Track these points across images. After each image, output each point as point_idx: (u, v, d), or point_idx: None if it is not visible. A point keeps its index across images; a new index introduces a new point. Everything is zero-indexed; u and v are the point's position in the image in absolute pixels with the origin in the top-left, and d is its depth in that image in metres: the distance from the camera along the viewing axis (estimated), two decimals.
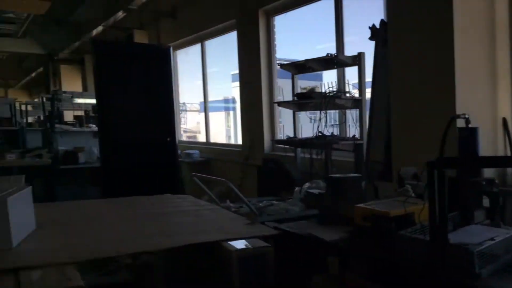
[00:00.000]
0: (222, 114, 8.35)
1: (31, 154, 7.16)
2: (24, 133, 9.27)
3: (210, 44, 7.01)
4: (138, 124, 4.56)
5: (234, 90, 7.65)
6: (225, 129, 8.48)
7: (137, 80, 4.49)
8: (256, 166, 5.49)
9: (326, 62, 4.25)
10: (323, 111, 3.92)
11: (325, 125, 3.92)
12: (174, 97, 4.84)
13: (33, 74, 15.40)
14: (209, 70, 7.09)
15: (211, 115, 7.24)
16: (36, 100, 16.70)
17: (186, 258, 2.09)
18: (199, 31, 6.85)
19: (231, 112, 8.18)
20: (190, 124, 8.88)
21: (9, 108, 9.71)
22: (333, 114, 4.85)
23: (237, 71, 5.87)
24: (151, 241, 1.63)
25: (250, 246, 1.64)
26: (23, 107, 10.83)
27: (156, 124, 4.66)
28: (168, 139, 4.72)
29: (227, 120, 8.49)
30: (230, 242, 1.63)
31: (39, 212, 1.89)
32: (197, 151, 6.88)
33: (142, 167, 4.59)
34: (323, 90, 4.11)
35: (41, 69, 13.93)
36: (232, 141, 7.49)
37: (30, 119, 11.02)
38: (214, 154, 6.82)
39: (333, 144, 3.81)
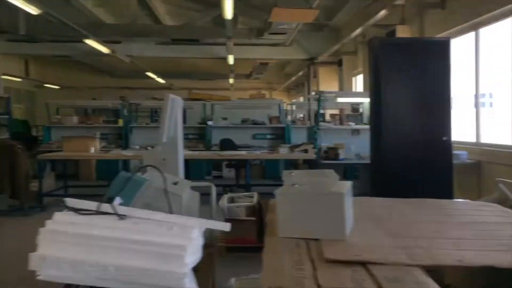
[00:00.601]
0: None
1: (298, 149, 7.98)
2: (289, 130, 10.53)
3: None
4: (411, 121, 4.42)
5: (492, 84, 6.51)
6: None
7: (413, 76, 4.35)
8: None
9: None
10: None
11: None
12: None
13: (294, 78, 17.28)
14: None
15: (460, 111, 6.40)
16: (294, 100, 18.79)
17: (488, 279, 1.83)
18: (474, 18, 6.11)
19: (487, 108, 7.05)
20: None
21: (277, 108, 11.20)
22: None
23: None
24: (491, 254, 1.46)
25: None
26: (288, 107, 12.25)
27: (430, 121, 4.41)
28: (444, 138, 4.38)
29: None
30: None
31: None
32: (465, 152, 6.19)
33: (413, 166, 4.42)
34: None
35: (300, 73, 15.49)
36: (485, 140, 6.41)
37: (291, 117, 12.36)
38: (484, 156, 6.00)
39: None
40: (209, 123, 10.33)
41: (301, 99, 19.12)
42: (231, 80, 17.34)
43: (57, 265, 1.46)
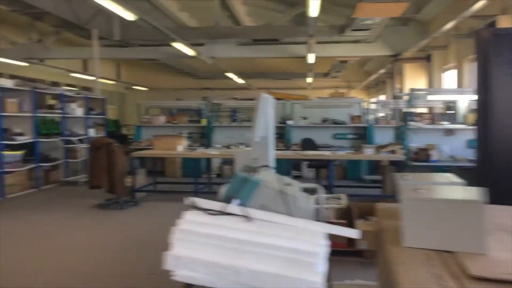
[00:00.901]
0: None
1: (384, 150, 7.59)
2: (372, 130, 10.11)
3: None
4: None
5: None
6: None
7: None
8: None
9: None
10: None
11: None
12: None
13: (375, 75, 16.62)
14: None
15: None
16: (374, 98, 18.08)
17: None
18: None
19: None
20: None
21: (358, 107, 10.82)
22: None
23: None
24: None
25: None
26: (371, 106, 11.80)
27: None
28: None
29: None
30: None
31: None
32: None
33: None
34: None
35: (383, 70, 14.83)
36: None
37: (371, 117, 11.87)
38: None
39: None
40: (289, 122, 10.29)
41: (381, 97, 18.36)
42: (309, 79, 17.14)
43: (191, 266, 1.47)
